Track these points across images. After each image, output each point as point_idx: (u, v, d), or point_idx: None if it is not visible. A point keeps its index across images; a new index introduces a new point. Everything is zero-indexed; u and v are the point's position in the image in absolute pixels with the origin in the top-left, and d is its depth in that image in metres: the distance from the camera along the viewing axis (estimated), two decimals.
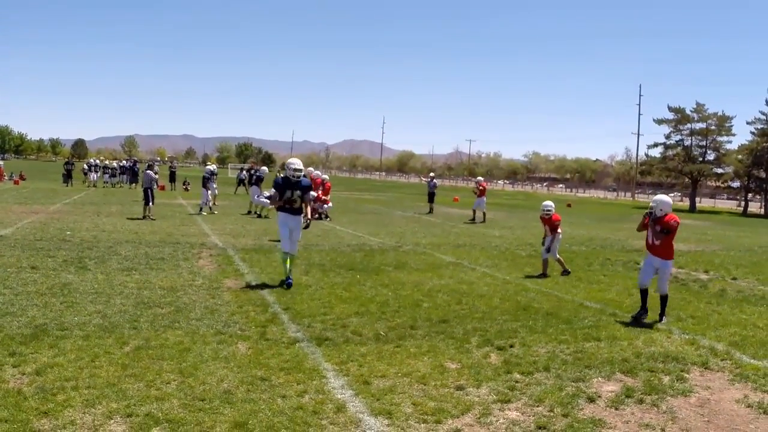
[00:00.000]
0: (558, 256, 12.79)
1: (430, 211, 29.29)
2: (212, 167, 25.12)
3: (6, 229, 15.51)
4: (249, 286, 9.90)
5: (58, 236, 14.71)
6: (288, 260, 10.04)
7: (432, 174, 30.99)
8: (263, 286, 9.98)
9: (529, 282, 11.68)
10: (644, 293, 9.08)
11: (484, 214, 25.83)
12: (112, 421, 4.65)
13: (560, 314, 8.93)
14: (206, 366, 5.92)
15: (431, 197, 30.00)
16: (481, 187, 25.74)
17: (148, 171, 21.41)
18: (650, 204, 9.25)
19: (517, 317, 8.62)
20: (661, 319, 8.89)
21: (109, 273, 10.42)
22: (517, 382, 5.95)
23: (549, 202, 13.06)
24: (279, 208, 10.19)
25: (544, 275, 12.37)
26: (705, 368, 6.75)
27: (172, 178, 41.34)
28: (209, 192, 23.96)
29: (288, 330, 7.36)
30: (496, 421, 5.02)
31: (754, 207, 57.97)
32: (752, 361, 7.06)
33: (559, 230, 12.78)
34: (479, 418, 5.04)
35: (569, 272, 12.63)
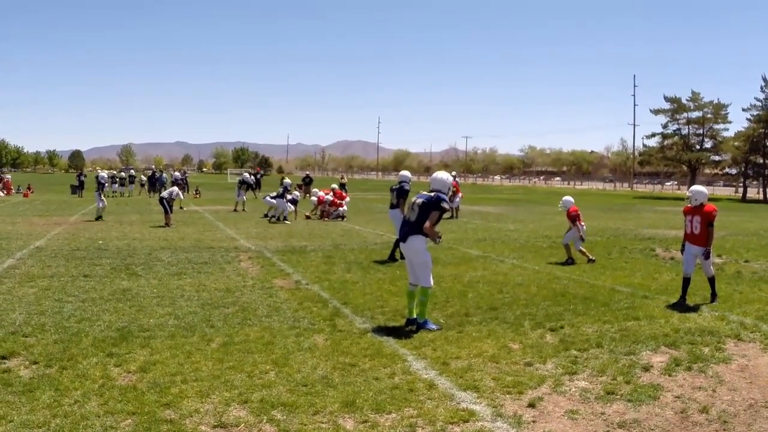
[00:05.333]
0: (580, 247, 13.42)
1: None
2: (288, 181, 26.26)
3: (39, 241, 16.00)
4: (300, 285, 10.45)
5: (92, 246, 15.20)
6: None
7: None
8: (313, 283, 10.55)
9: (558, 270, 12.29)
10: (686, 282, 9.43)
11: (457, 209, 26.19)
12: (231, 408, 5.10)
13: (597, 298, 9.55)
14: (294, 356, 6.46)
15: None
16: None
17: (175, 188, 22.93)
18: (686, 194, 9.90)
19: (558, 302, 9.24)
20: (713, 300, 9.42)
21: (161, 278, 10.92)
22: (576, 357, 6.57)
23: (564, 198, 13.80)
24: (426, 234, 8.06)
25: (569, 261, 12.99)
26: (738, 339, 7.38)
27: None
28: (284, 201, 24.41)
29: (355, 322, 7.95)
30: (569, 390, 5.63)
31: (752, 192, 58.74)
32: None
33: (581, 222, 13.40)
34: (554, 388, 5.66)
35: (594, 260, 13.24)
